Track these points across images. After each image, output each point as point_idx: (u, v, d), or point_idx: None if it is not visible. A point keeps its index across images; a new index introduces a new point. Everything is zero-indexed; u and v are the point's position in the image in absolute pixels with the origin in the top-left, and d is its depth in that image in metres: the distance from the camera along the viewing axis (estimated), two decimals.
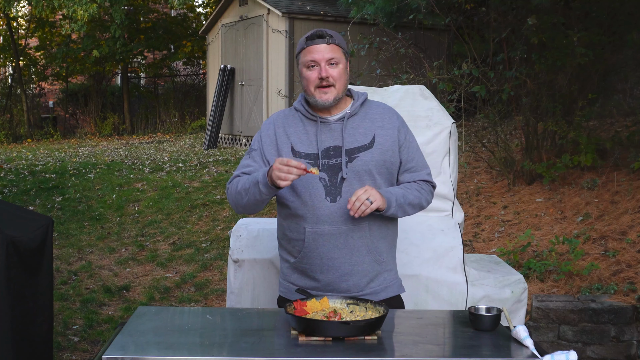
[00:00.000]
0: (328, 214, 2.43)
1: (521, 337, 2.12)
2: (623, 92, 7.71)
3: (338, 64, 2.45)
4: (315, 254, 2.46)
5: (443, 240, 3.32)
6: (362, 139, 2.48)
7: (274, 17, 11.72)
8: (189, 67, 20.46)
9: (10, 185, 8.92)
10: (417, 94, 3.69)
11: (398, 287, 2.59)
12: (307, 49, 2.46)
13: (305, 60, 2.46)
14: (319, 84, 2.44)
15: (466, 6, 8.01)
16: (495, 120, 7.37)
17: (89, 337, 4.63)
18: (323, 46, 2.43)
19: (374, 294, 2.50)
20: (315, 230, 2.44)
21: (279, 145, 2.50)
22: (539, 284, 4.78)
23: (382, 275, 2.53)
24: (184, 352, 2.03)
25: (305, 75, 2.47)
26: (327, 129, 2.49)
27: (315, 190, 2.44)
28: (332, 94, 2.44)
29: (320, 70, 2.43)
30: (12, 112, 17.83)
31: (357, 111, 2.52)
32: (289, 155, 2.47)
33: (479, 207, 6.50)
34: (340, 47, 2.47)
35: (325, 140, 2.47)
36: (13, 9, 15.54)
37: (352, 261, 2.46)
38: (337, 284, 2.48)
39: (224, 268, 5.80)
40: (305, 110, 2.52)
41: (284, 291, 2.61)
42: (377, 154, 2.47)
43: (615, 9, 6.89)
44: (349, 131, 2.48)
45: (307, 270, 2.51)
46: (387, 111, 2.57)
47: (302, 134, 2.50)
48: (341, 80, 2.46)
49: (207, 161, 10.39)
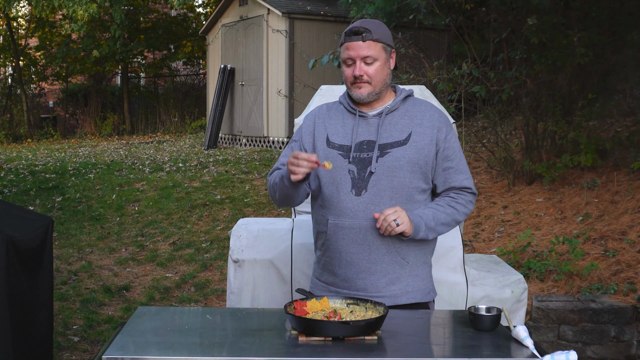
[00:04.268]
0: (351, 207, 2.41)
1: (521, 337, 2.11)
2: (623, 92, 7.70)
3: (375, 61, 2.42)
4: (335, 247, 2.45)
5: (443, 240, 3.31)
6: (397, 135, 2.44)
7: (274, 17, 11.72)
8: (189, 67, 20.45)
9: (10, 185, 8.92)
10: (417, 94, 3.69)
11: (423, 295, 2.50)
12: (345, 45, 2.44)
13: (343, 57, 2.46)
14: (354, 81, 2.44)
15: (466, 6, 8.00)
16: (495, 120, 7.36)
17: (89, 337, 4.63)
18: (359, 43, 2.40)
19: (393, 297, 2.45)
20: (337, 223, 2.43)
21: (315, 136, 2.51)
22: (539, 284, 4.78)
23: (406, 279, 2.46)
24: (184, 352, 2.03)
25: (343, 70, 2.48)
26: (365, 123, 2.47)
27: (343, 183, 2.43)
28: (367, 89, 2.43)
29: (355, 68, 2.42)
30: (12, 112, 17.82)
31: (397, 107, 2.48)
32: (323, 145, 2.48)
33: (479, 207, 6.50)
34: (379, 42, 2.42)
35: (362, 134, 2.46)
36: (13, 9, 15.53)
37: (371, 258, 2.42)
38: (354, 281, 2.45)
39: (224, 268, 5.80)
40: (347, 103, 2.52)
41: (311, 286, 2.62)
42: (411, 151, 2.42)
43: (615, 9, 6.89)
44: (386, 127, 2.45)
45: (327, 264, 2.50)
46: (430, 109, 2.51)
47: (339, 126, 2.50)
48: (377, 77, 2.43)
49: (207, 161, 10.39)
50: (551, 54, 6.82)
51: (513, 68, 6.96)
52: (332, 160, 2.43)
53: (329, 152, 2.46)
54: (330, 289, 2.50)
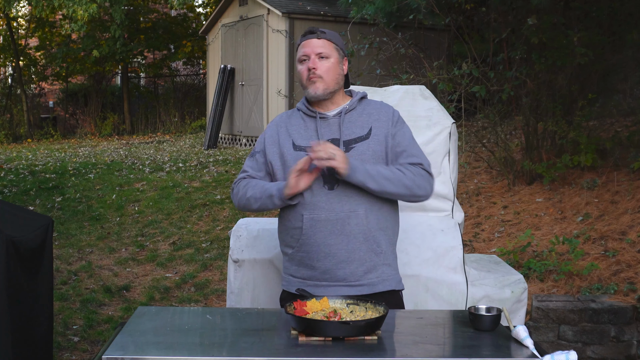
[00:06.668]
0: (326, 200, 2.49)
1: (521, 337, 2.11)
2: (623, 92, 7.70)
3: (328, 58, 2.54)
4: (313, 241, 2.50)
5: (443, 240, 3.32)
6: (359, 131, 2.55)
7: (274, 17, 11.73)
8: (189, 67, 20.46)
9: (10, 185, 8.92)
10: (417, 94, 3.69)
11: (397, 283, 2.60)
12: (301, 44, 2.59)
13: (299, 56, 2.58)
14: (308, 76, 2.53)
15: (466, 6, 8.01)
16: (495, 120, 7.36)
17: (89, 337, 4.63)
18: (314, 41, 2.55)
19: (371, 286, 2.52)
20: (312, 217, 2.49)
21: (280, 143, 2.59)
22: (539, 284, 4.78)
23: (381, 268, 2.55)
24: (184, 352, 2.03)
25: (299, 69, 2.59)
26: (326, 124, 2.57)
27: (315, 180, 2.49)
28: (321, 85, 2.53)
29: (309, 63, 2.53)
30: (12, 112, 17.83)
31: (354, 106, 2.60)
32: (290, 150, 2.56)
33: (479, 207, 6.50)
34: (332, 42, 2.57)
35: (325, 134, 2.56)
36: (13, 9, 15.54)
37: (349, 248, 2.49)
38: (334, 272, 2.50)
39: (224, 268, 5.80)
40: (306, 107, 2.61)
41: (285, 285, 2.65)
42: (374, 144, 2.53)
43: (615, 9, 6.89)
44: (347, 124, 2.56)
45: (304, 259, 2.54)
46: (384, 107, 2.65)
47: (302, 129, 2.59)
48: (330, 74, 2.54)
49: (207, 161, 10.39)
50: (551, 54, 6.82)
51: (513, 68, 6.96)
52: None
53: (298, 155, 2.52)
54: (308, 283, 2.54)
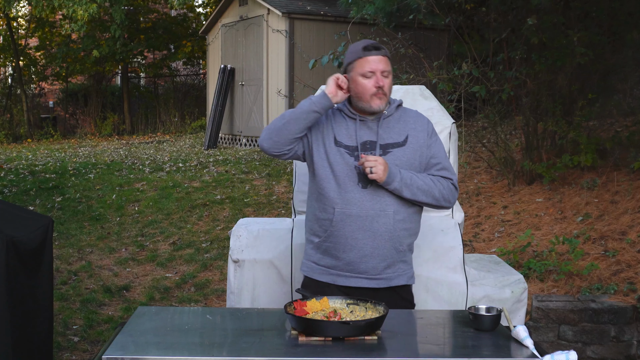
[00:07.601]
0: (358, 198, 2.64)
1: (521, 337, 2.12)
2: (623, 92, 7.70)
3: (389, 75, 2.70)
4: (341, 233, 2.65)
5: (443, 240, 3.32)
6: (396, 137, 2.71)
7: (274, 17, 11.72)
8: (189, 67, 20.45)
9: (10, 185, 8.92)
10: (417, 94, 3.70)
11: (409, 278, 2.76)
12: (365, 59, 2.68)
13: (363, 70, 2.67)
14: (375, 92, 2.66)
15: (466, 6, 8.01)
16: (495, 120, 7.36)
17: (89, 337, 4.63)
18: (379, 57, 2.68)
19: (388, 280, 2.68)
20: (344, 211, 2.64)
21: (324, 134, 2.72)
22: (539, 284, 4.78)
23: (398, 264, 2.70)
24: (184, 352, 2.03)
25: (361, 82, 2.67)
26: (365, 126, 2.71)
27: (350, 176, 2.66)
28: (384, 100, 2.69)
29: (377, 79, 2.65)
30: (12, 112, 17.82)
31: (392, 113, 2.75)
32: (331, 144, 2.69)
33: (479, 207, 6.50)
34: (389, 59, 2.73)
35: (363, 135, 2.70)
36: (13, 9, 15.53)
37: (374, 244, 2.64)
38: (357, 264, 2.65)
39: (224, 268, 5.80)
40: (347, 109, 2.75)
41: (307, 270, 2.79)
42: (409, 152, 2.69)
43: (615, 9, 6.90)
44: (384, 129, 2.71)
45: (330, 249, 2.69)
46: (420, 117, 2.81)
47: (343, 128, 2.73)
48: (390, 91, 2.72)
49: (207, 161, 10.39)
50: (551, 54, 6.82)
51: (513, 68, 6.96)
52: (341, 157, 2.66)
53: (337, 150, 2.68)
54: (331, 272, 2.70)
